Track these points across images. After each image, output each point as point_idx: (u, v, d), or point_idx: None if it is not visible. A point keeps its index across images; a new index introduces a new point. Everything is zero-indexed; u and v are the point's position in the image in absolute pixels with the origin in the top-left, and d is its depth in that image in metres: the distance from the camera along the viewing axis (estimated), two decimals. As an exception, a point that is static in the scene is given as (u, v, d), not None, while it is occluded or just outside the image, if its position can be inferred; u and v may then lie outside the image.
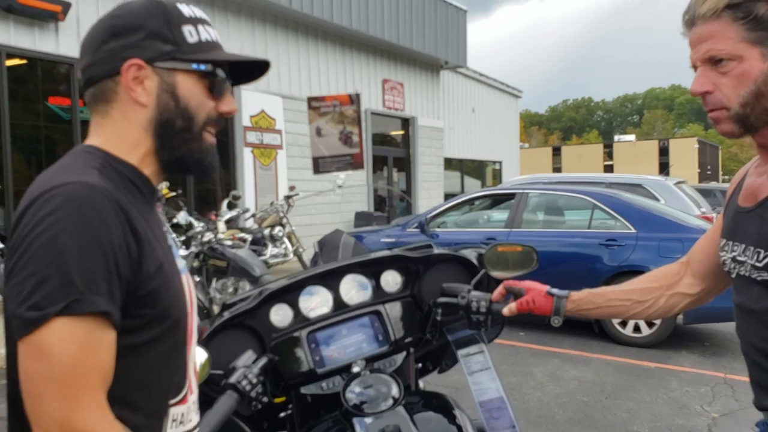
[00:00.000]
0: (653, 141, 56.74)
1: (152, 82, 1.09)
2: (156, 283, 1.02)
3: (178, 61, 1.10)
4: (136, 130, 1.10)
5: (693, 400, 4.99)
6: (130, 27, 1.08)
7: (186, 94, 1.11)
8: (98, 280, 0.93)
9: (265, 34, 12.52)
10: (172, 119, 1.10)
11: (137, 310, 1.01)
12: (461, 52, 18.25)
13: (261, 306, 1.95)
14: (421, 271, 2.14)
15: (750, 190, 1.42)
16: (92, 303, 0.93)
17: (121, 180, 1.06)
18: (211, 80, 1.14)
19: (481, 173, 25.47)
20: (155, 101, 1.09)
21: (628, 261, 6.41)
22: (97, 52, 1.09)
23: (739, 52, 1.27)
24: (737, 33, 1.27)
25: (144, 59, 1.08)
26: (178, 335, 1.11)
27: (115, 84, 1.08)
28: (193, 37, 1.12)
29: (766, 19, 1.25)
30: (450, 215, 8.23)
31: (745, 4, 1.27)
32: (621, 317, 1.81)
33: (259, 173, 12.22)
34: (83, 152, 1.08)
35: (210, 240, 6.80)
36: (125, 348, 1.01)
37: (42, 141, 9.27)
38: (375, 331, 2.01)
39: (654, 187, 9.28)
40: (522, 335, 6.86)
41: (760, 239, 1.35)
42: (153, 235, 1.06)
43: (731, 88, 1.30)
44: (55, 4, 8.80)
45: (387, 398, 1.77)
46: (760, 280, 1.35)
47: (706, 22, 1.30)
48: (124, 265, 0.97)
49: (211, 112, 1.14)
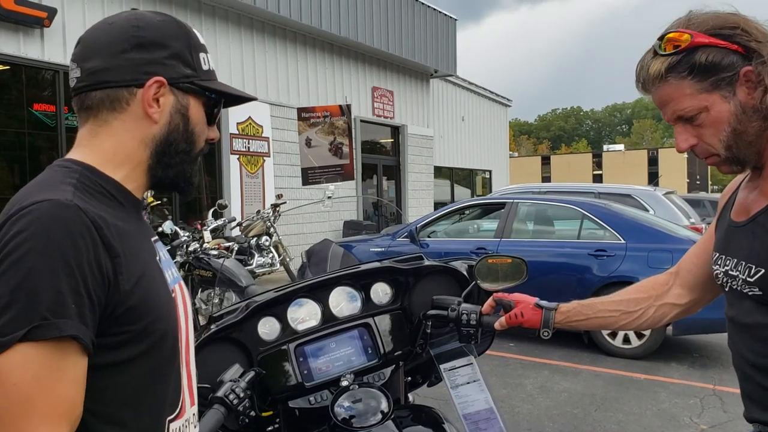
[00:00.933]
0: (642, 151, 57.18)
1: (168, 102, 1.10)
2: (136, 299, 0.99)
3: (195, 86, 1.13)
4: (133, 144, 1.09)
5: (682, 412, 4.97)
6: (155, 42, 1.09)
7: (194, 118, 1.14)
8: (66, 303, 0.90)
9: (253, 40, 12.50)
10: (178, 140, 1.12)
11: (118, 327, 0.98)
12: (451, 60, 18.33)
13: (248, 319, 1.92)
14: (411, 283, 2.12)
15: (742, 205, 1.42)
16: (57, 327, 0.89)
17: (99, 194, 1.03)
18: (213, 109, 1.18)
19: (471, 182, 25.54)
20: (167, 120, 1.10)
21: (618, 271, 6.40)
22: (115, 58, 1.07)
23: (703, 104, 1.30)
24: (691, 88, 1.30)
25: (167, 78, 1.09)
26: (166, 349, 1.07)
27: (130, 95, 1.07)
28: (206, 65, 1.16)
29: (709, 64, 1.28)
30: (440, 224, 8.21)
31: (684, 61, 1.30)
32: (610, 328, 1.81)
33: (245, 181, 12.16)
34: (60, 167, 1.05)
35: (195, 250, 6.73)
36: (109, 365, 0.98)
37: (26, 148, 9.18)
38: (364, 344, 1.99)
39: (643, 198, 9.30)
40: (512, 346, 6.83)
41: (751, 255, 1.35)
42: (133, 249, 1.02)
43: (711, 136, 1.33)
44: (41, 10, 8.75)
45: (376, 412, 1.76)
46: (752, 294, 1.35)
47: (658, 87, 1.34)
48: (96, 285, 0.93)
49: (203, 140, 1.18)
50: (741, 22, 1.29)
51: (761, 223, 1.34)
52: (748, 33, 1.28)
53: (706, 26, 1.30)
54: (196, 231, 7.96)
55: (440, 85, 21.57)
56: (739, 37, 1.28)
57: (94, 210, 0.97)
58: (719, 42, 1.28)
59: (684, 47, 1.29)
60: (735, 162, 1.34)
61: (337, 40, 14.34)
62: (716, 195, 17.49)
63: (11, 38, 8.60)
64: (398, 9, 15.84)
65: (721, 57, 1.28)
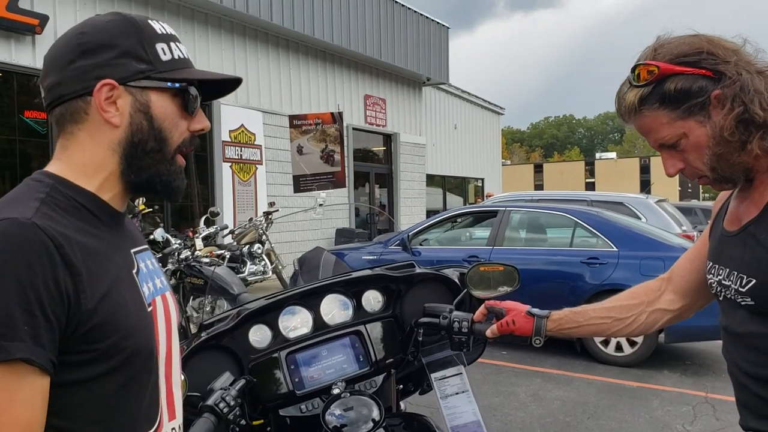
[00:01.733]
0: (634, 159, 57.39)
1: (125, 102, 1.05)
2: (101, 317, 0.97)
3: (152, 80, 1.07)
4: (102, 152, 1.06)
5: (674, 420, 4.97)
6: (101, 45, 1.04)
7: (160, 114, 1.08)
8: (17, 324, 0.88)
9: (245, 48, 12.49)
10: (144, 140, 1.07)
11: (83, 345, 0.96)
12: (443, 68, 18.37)
13: (239, 326, 1.92)
14: (402, 291, 2.12)
15: (734, 214, 1.43)
16: (6, 350, 0.87)
17: (71, 207, 1.02)
18: (184, 98, 1.11)
19: (464, 190, 25.56)
20: (128, 121, 1.06)
21: (610, 279, 6.41)
22: (65, 71, 1.05)
23: (680, 131, 1.33)
24: (666, 117, 1.33)
25: (117, 79, 1.04)
26: (137, 365, 1.04)
27: (86, 104, 1.05)
28: (166, 54, 1.09)
29: (678, 92, 1.30)
30: (432, 232, 8.21)
31: (655, 92, 1.33)
32: (602, 335, 1.81)
33: (238, 189, 12.14)
34: (33, 180, 1.04)
35: (187, 257, 6.70)
36: (76, 383, 0.97)
37: (17, 155, 9.14)
38: (356, 352, 1.99)
39: (635, 205, 9.33)
40: (504, 354, 6.82)
41: (742, 265, 1.35)
42: (100, 265, 1.00)
43: (696, 159, 1.35)
44: (33, 17, 8.73)
45: (367, 420, 1.76)
46: (744, 304, 1.36)
47: (635, 119, 1.38)
48: (54, 304, 0.91)
49: (184, 132, 1.12)
50: (705, 45, 1.31)
51: (751, 232, 1.35)
52: (714, 55, 1.29)
53: (671, 55, 1.31)
54: (187, 238, 7.93)
55: (433, 93, 21.62)
56: (705, 61, 1.29)
57: (55, 227, 0.95)
58: (686, 69, 1.30)
59: (652, 79, 1.32)
60: (724, 181, 1.36)
61: (329, 48, 14.36)
62: (708, 203, 17.56)
63: (2, 45, 8.57)
64: (391, 17, 15.88)
65: (690, 84, 1.30)
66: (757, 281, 1.32)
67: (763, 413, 1.39)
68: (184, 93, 1.10)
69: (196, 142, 1.17)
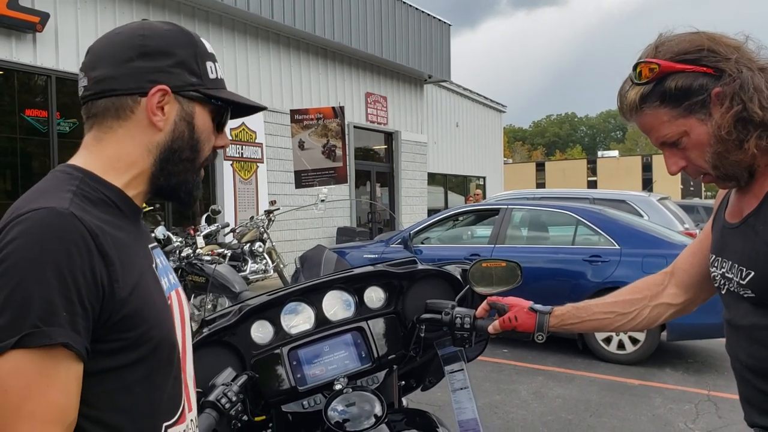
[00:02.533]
0: (636, 157, 57.41)
1: (172, 109, 1.10)
2: (132, 307, 1.00)
3: (201, 94, 1.13)
4: (138, 151, 1.10)
5: (677, 418, 4.96)
6: (160, 51, 1.09)
7: (200, 126, 1.14)
8: (57, 311, 0.91)
9: (246, 46, 12.49)
10: (182, 148, 1.12)
11: (114, 334, 0.99)
12: (445, 66, 18.35)
13: (241, 322, 1.92)
14: (404, 287, 2.12)
15: (736, 206, 1.43)
16: (47, 335, 0.90)
17: (99, 201, 1.04)
18: (220, 117, 1.18)
19: (465, 188, 25.55)
20: (171, 127, 1.11)
21: (612, 277, 6.40)
22: (120, 67, 1.08)
23: (681, 129, 1.33)
24: (667, 114, 1.33)
25: (171, 86, 1.09)
26: (162, 355, 1.08)
27: (135, 103, 1.08)
28: (213, 73, 1.16)
29: (679, 90, 1.30)
30: (434, 231, 8.21)
31: (656, 90, 1.33)
32: (605, 330, 1.82)
33: (239, 187, 12.14)
34: (61, 173, 1.07)
35: (188, 255, 6.70)
36: (105, 371, 0.99)
37: (17, 154, 9.14)
38: (358, 348, 1.99)
39: (638, 203, 9.32)
40: (506, 352, 6.81)
41: (742, 257, 1.36)
42: (129, 257, 1.03)
43: (698, 157, 1.35)
44: (34, 15, 8.72)
45: (370, 416, 1.75)
46: (746, 296, 1.36)
47: (637, 117, 1.38)
48: (90, 293, 0.94)
49: (211, 147, 1.18)
50: (706, 42, 1.30)
51: (751, 224, 1.35)
52: (715, 52, 1.29)
53: (672, 53, 1.31)
54: (189, 236, 7.92)
55: (434, 91, 21.60)
56: (706, 58, 1.29)
57: (90, 218, 0.98)
58: (687, 67, 1.30)
59: (653, 77, 1.31)
60: (726, 179, 1.36)
61: (330, 45, 14.35)
62: (710, 201, 17.55)
63: (3, 43, 8.56)
64: (392, 14, 15.86)
65: (691, 81, 1.30)
66: (756, 273, 1.32)
67: (766, 408, 1.38)
68: (223, 112, 1.18)
69: (214, 157, 1.23)
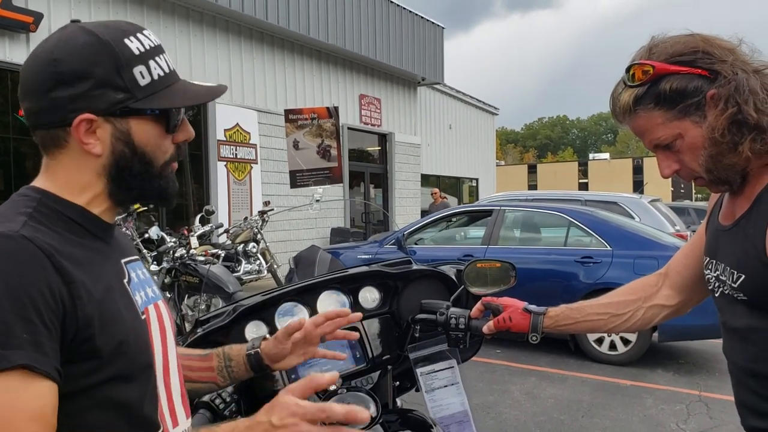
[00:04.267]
0: (627, 159, 57.52)
1: (105, 131, 1.03)
2: (97, 325, 0.96)
3: (131, 108, 1.04)
4: (87, 176, 1.06)
5: (668, 418, 4.98)
6: (76, 75, 1.00)
7: (142, 140, 1.06)
8: (14, 333, 0.87)
9: (240, 47, 12.47)
10: (129, 165, 1.06)
11: (81, 354, 0.95)
12: (438, 68, 18.37)
13: (235, 323, 1.91)
14: (399, 288, 2.12)
15: (729, 208, 1.42)
16: (6, 359, 0.86)
17: (58, 221, 1.01)
18: (167, 120, 1.09)
19: (458, 190, 25.56)
20: (110, 150, 1.05)
21: (604, 278, 6.43)
22: (41, 99, 1.02)
23: (676, 131, 1.31)
24: (662, 117, 1.31)
25: (95, 111, 1.01)
26: (135, 373, 1.04)
27: (65, 134, 1.03)
28: (145, 78, 1.05)
29: (674, 92, 1.29)
30: (427, 232, 8.22)
31: (650, 92, 1.31)
32: (599, 331, 1.81)
33: (233, 188, 12.12)
34: (19, 195, 1.04)
35: (182, 255, 6.69)
36: (75, 392, 0.96)
37: (11, 154, 9.10)
38: (352, 349, 1.99)
39: (629, 205, 9.36)
40: (499, 353, 6.83)
41: (734, 260, 1.35)
42: (93, 274, 1.00)
43: (691, 161, 1.33)
44: (27, 14, 8.69)
45: None
46: (740, 299, 1.35)
47: (630, 119, 1.36)
48: (50, 311, 0.91)
49: (168, 148, 1.11)
50: (701, 44, 1.29)
51: (742, 227, 1.34)
52: (710, 54, 1.28)
53: (666, 54, 1.30)
54: (182, 237, 7.91)
55: (428, 93, 21.61)
56: (701, 60, 1.28)
57: (44, 237, 0.95)
58: (681, 69, 1.28)
59: (647, 79, 1.30)
60: (720, 183, 1.34)
61: (324, 47, 14.35)
62: (701, 203, 17.61)
63: (-3, 43, 8.54)
64: (386, 17, 15.87)
65: (686, 83, 1.28)
66: (746, 276, 1.31)
67: (761, 410, 1.38)
68: (166, 115, 1.08)
69: (184, 150, 1.16)
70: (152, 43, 1.08)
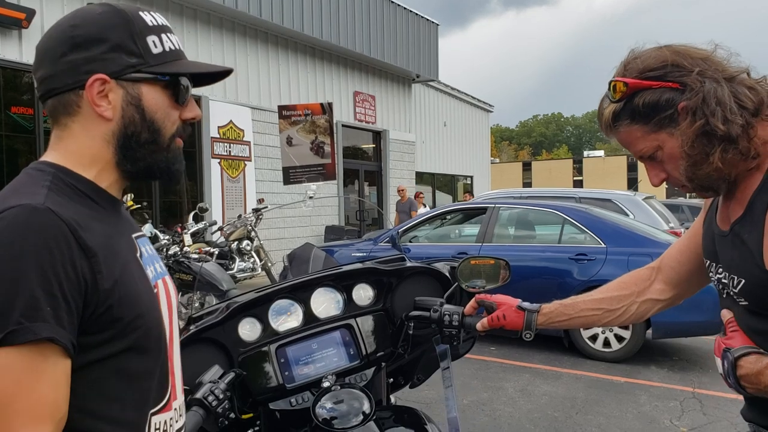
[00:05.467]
0: (622, 157, 57.60)
1: (117, 95, 1.06)
2: (116, 297, 0.99)
3: (143, 73, 1.08)
4: (96, 143, 1.08)
5: (662, 415, 5.00)
6: (92, 38, 1.05)
7: (152, 106, 1.09)
8: (40, 306, 0.90)
9: (234, 44, 12.45)
10: (138, 132, 1.09)
11: (100, 325, 0.98)
12: (433, 65, 18.38)
13: (228, 319, 1.91)
14: (393, 285, 2.12)
15: (724, 213, 1.43)
16: (32, 331, 0.89)
17: (74, 195, 1.04)
18: (175, 90, 1.12)
19: (453, 188, 25.58)
20: (120, 114, 1.07)
21: (598, 275, 6.43)
22: (56, 64, 1.05)
23: (655, 143, 1.36)
24: (640, 131, 1.36)
25: (108, 73, 1.05)
26: (149, 344, 1.07)
27: (78, 97, 1.05)
28: (157, 47, 1.09)
29: (646, 107, 1.33)
30: (421, 229, 8.21)
31: (626, 108, 1.35)
32: (593, 326, 1.83)
33: (226, 185, 12.10)
34: (34, 170, 1.06)
35: (176, 253, 6.67)
36: (93, 363, 0.99)
37: (3, 151, 9.06)
38: (346, 346, 1.99)
39: (623, 202, 9.37)
40: (493, 350, 6.84)
41: (732, 265, 1.37)
42: (111, 247, 1.02)
43: (674, 170, 1.37)
44: (19, 11, 8.65)
45: (358, 413, 1.75)
46: (741, 304, 1.37)
47: (614, 134, 1.42)
48: (72, 287, 0.93)
49: (176, 121, 1.13)
50: (670, 57, 1.32)
51: (737, 232, 1.35)
52: (678, 66, 1.30)
53: (637, 70, 1.33)
54: (176, 234, 7.89)
55: (422, 90, 21.61)
56: (671, 74, 1.31)
57: (67, 212, 0.97)
58: (653, 83, 1.31)
59: (623, 96, 1.34)
60: (704, 189, 1.37)
61: (318, 44, 14.33)
62: (695, 201, 17.63)
63: (-11, 39, 8.50)
64: (380, 13, 15.86)
65: (657, 97, 1.31)
66: (746, 281, 1.32)
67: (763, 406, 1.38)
68: (175, 85, 1.11)
69: (189, 130, 1.18)
70: (164, 22, 1.14)
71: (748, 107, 1.26)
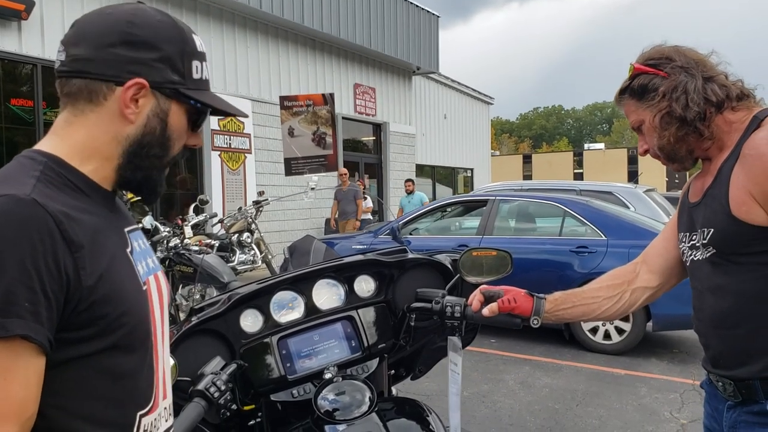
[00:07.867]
0: (622, 149, 57.47)
1: (147, 103, 1.07)
2: (101, 293, 0.97)
3: (180, 94, 1.10)
4: (106, 139, 1.06)
5: (662, 407, 5.01)
6: (146, 42, 1.05)
7: (173, 124, 1.11)
8: (17, 301, 0.88)
9: (235, 36, 12.42)
10: (152, 144, 1.09)
11: (82, 322, 0.96)
12: (433, 57, 18.34)
13: (230, 311, 1.91)
14: (395, 276, 2.12)
15: (697, 187, 1.68)
16: (4, 328, 0.87)
17: (65, 187, 1.01)
18: (197, 117, 1.15)
19: (453, 180, 25.56)
20: (144, 122, 1.07)
21: (599, 268, 6.42)
22: (100, 51, 1.04)
23: (641, 117, 1.67)
24: (633, 105, 1.68)
25: (150, 81, 1.06)
26: (134, 343, 1.05)
27: (109, 91, 1.04)
28: (197, 73, 1.12)
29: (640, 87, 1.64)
30: (422, 222, 8.21)
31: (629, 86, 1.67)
32: (593, 314, 1.91)
33: (227, 178, 12.09)
34: (25, 158, 1.03)
35: (176, 245, 6.67)
36: (74, 359, 0.97)
37: (2, 143, 9.04)
38: (348, 337, 1.99)
39: (624, 195, 9.35)
40: (493, 342, 6.84)
41: (705, 220, 1.60)
42: (98, 242, 1.00)
43: (651, 141, 1.68)
44: (19, 2, 8.63)
45: (360, 405, 1.76)
46: (709, 256, 1.60)
47: (620, 105, 1.74)
48: (53, 282, 0.92)
49: (182, 146, 1.15)
50: (668, 51, 1.63)
51: (710, 194, 1.60)
52: (671, 60, 1.60)
53: (643, 58, 1.66)
54: (176, 227, 7.88)
55: (422, 83, 21.57)
56: (663, 64, 1.61)
57: (54, 204, 0.95)
58: (649, 69, 1.63)
59: (630, 76, 1.67)
60: (672, 161, 1.66)
61: (319, 36, 14.30)
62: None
63: (-12, 31, 8.47)
64: (380, 5, 15.81)
65: (648, 81, 1.62)
66: (715, 230, 1.56)
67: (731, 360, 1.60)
68: (200, 113, 1.15)
69: (187, 154, 1.22)
70: (204, 49, 1.17)
71: (712, 100, 1.56)
